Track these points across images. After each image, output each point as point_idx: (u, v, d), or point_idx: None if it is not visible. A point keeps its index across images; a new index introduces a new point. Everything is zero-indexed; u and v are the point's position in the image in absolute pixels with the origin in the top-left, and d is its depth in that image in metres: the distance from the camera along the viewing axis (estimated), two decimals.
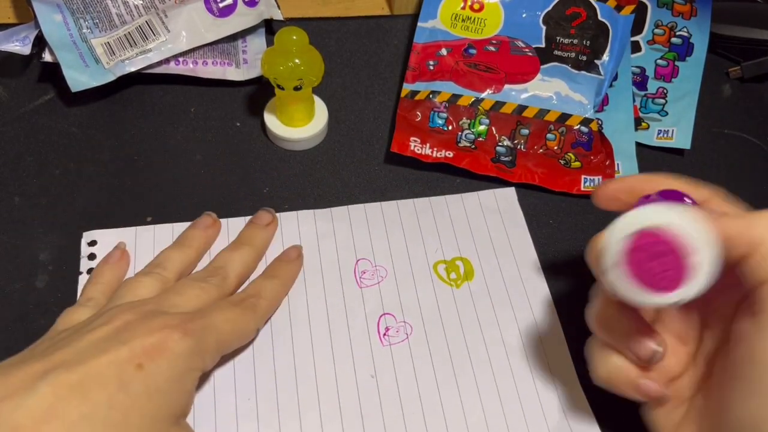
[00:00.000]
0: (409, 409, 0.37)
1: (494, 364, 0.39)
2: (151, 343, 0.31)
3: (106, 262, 0.40)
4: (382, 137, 0.49)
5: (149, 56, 0.47)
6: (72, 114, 0.48)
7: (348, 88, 0.52)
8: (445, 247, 0.43)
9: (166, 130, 0.48)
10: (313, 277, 0.41)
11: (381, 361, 0.38)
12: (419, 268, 0.42)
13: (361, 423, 0.36)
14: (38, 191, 0.44)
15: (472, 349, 0.39)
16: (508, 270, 0.43)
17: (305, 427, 0.36)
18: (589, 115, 0.47)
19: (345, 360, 0.38)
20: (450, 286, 0.42)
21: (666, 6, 0.53)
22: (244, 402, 0.36)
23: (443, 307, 0.41)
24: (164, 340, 0.31)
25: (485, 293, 0.42)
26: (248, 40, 0.52)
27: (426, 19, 0.50)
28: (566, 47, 0.49)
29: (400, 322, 0.40)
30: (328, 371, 0.38)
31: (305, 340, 0.39)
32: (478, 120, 0.47)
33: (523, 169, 0.46)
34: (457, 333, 0.40)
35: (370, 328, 0.40)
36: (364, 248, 0.43)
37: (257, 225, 0.42)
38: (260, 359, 0.38)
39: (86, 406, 0.28)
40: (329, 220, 0.44)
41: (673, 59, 0.53)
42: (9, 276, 0.40)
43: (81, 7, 0.48)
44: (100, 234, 0.42)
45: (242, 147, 0.48)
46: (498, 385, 0.38)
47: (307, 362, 0.38)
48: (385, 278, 0.42)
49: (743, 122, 0.53)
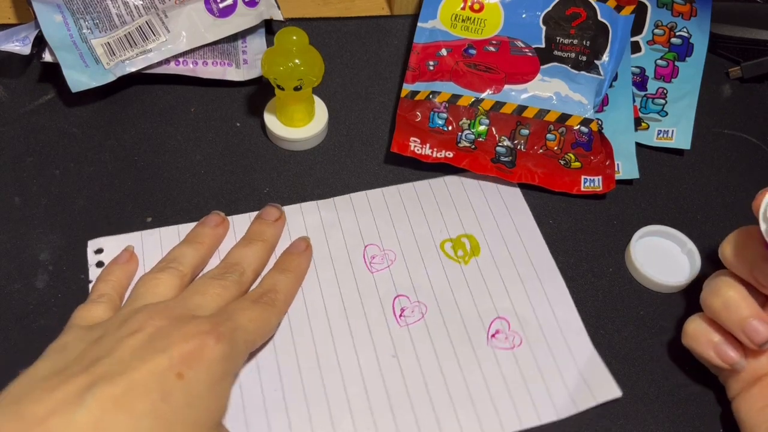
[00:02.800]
0: (432, 384, 0.38)
1: (509, 334, 0.40)
2: (188, 350, 0.31)
3: (115, 262, 0.40)
4: (382, 137, 0.49)
5: (149, 56, 0.47)
6: (72, 114, 0.48)
7: (348, 88, 0.52)
8: (449, 225, 0.45)
9: (166, 130, 0.48)
10: (324, 267, 0.42)
11: (400, 341, 0.39)
12: (426, 248, 0.43)
13: (388, 402, 0.37)
14: (38, 191, 0.44)
15: (486, 321, 0.40)
16: (512, 243, 0.44)
17: (334, 411, 0.36)
18: (589, 116, 0.47)
19: (365, 344, 0.39)
20: (458, 262, 0.43)
21: (666, 6, 0.53)
22: (271, 393, 0.37)
23: (454, 284, 0.42)
24: (200, 346, 0.32)
25: (493, 267, 0.43)
26: (248, 41, 0.52)
27: (426, 19, 0.50)
28: (566, 47, 0.49)
29: (414, 302, 0.41)
30: (350, 356, 0.38)
31: (324, 329, 0.39)
32: (478, 120, 0.47)
33: (523, 169, 0.46)
34: (470, 307, 0.41)
35: (386, 310, 0.40)
36: (370, 234, 0.44)
37: (266, 221, 0.42)
38: (282, 351, 0.38)
39: (132, 419, 0.29)
40: (333, 209, 0.45)
41: (673, 59, 0.53)
42: (9, 276, 0.40)
43: (81, 8, 0.48)
44: (105, 241, 0.42)
45: (242, 147, 0.48)
46: (515, 354, 0.39)
47: (328, 349, 0.39)
48: (395, 261, 0.43)
49: (743, 122, 0.53)
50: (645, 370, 0.40)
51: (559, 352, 0.39)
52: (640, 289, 0.43)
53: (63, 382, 0.29)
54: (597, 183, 0.46)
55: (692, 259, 0.44)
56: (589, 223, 0.46)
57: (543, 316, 0.41)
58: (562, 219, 0.46)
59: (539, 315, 0.41)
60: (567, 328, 0.40)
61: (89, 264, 0.41)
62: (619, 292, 0.43)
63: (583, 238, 0.45)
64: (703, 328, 0.36)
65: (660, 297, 0.43)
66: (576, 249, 0.44)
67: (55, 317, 0.39)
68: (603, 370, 0.39)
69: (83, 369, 0.30)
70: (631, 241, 0.44)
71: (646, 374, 0.40)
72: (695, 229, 0.46)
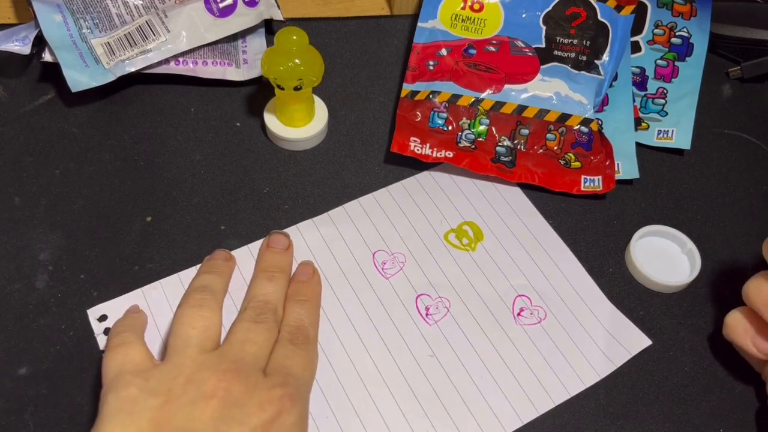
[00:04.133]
0: (475, 374, 0.39)
1: (533, 309, 0.41)
2: (267, 419, 0.32)
3: (125, 315, 0.39)
4: (382, 137, 0.49)
5: (149, 56, 0.47)
6: (72, 114, 0.48)
7: (348, 88, 0.52)
8: (448, 216, 0.45)
9: (166, 130, 0.48)
10: (340, 283, 0.42)
11: (434, 340, 0.40)
12: (432, 243, 0.44)
13: (439, 400, 0.38)
14: (38, 191, 0.44)
15: (508, 301, 0.41)
16: (512, 222, 0.45)
17: (388, 420, 0.37)
18: (589, 116, 0.47)
19: (401, 349, 0.39)
20: (466, 251, 0.44)
21: (666, 6, 0.53)
22: (323, 420, 0.37)
23: (468, 273, 0.42)
24: (279, 414, 0.32)
25: (500, 248, 0.44)
26: (248, 40, 0.52)
27: (426, 19, 0.50)
28: (566, 47, 0.49)
29: (436, 298, 0.41)
30: (390, 364, 0.39)
31: (356, 344, 0.39)
32: (478, 120, 0.47)
33: (523, 169, 0.46)
34: (490, 292, 0.42)
35: (411, 313, 0.41)
36: (375, 241, 0.44)
37: (278, 250, 0.42)
38: (321, 376, 0.38)
39: None
40: (330, 223, 0.44)
41: (673, 59, 0.53)
42: (9, 276, 0.40)
43: (81, 7, 0.48)
44: (106, 307, 0.40)
45: (242, 147, 0.48)
46: (544, 326, 0.41)
47: (367, 364, 0.39)
48: (406, 263, 0.43)
49: (743, 122, 0.53)
50: (645, 370, 0.40)
51: (585, 317, 0.41)
52: (640, 289, 0.43)
53: None
54: (597, 183, 0.46)
55: (692, 259, 0.44)
56: (589, 223, 0.46)
57: (559, 287, 0.42)
58: (562, 219, 0.46)
59: (555, 286, 0.42)
60: (585, 293, 0.42)
61: (96, 333, 0.39)
62: (619, 292, 0.43)
63: (583, 238, 0.45)
64: (742, 320, 0.37)
65: (660, 297, 0.43)
66: (576, 249, 0.44)
67: (55, 317, 0.39)
68: (629, 325, 0.41)
69: None
70: (631, 241, 0.44)
71: (646, 374, 0.40)
72: (695, 229, 0.46)
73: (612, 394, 0.39)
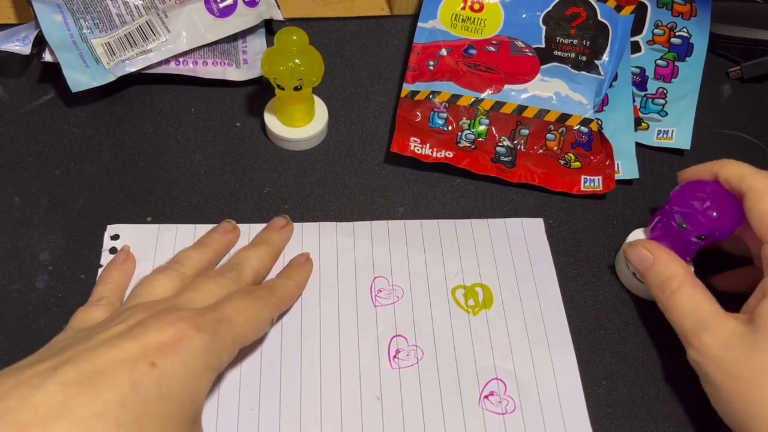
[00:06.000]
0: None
1: (504, 398, 0.38)
2: (164, 339, 0.30)
3: (112, 263, 0.40)
4: (382, 137, 0.49)
5: (149, 56, 0.47)
6: (72, 114, 0.48)
7: (348, 88, 0.52)
8: (466, 271, 0.42)
9: (166, 130, 0.48)
10: (329, 292, 0.41)
11: (388, 383, 0.38)
12: (437, 291, 0.41)
13: None
14: (38, 191, 0.44)
15: (482, 380, 0.38)
16: (528, 302, 0.41)
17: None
18: (588, 116, 0.47)
19: (352, 379, 0.38)
20: (467, 312, 0.41)
21: (666, 6, 0.53)
22: (246, 411, 0.36)
23: (457, 335, 0.40)
24: (178, 336, 0.30)
25: (503, 323, 0.40)
26: (248, 40, 0.52)
27: (426, 19, 0.50)
28: (566, 47, 0.49)
29: (411, 345, 0.39)
30: (334, 389, 0.37)
31: (314, 356, 0.38)
32: (478, 120, 0.47)
33: (523, 169, 0.46)
34: (469, 362, 0.39)
35: (381, 349, 0.39)
36: (382, 266, 0.42)
37: (273, 228, 0.43)
38: (267, 371, 0.37)
39: (97, 405, 0.27)
40: (351, 234, 0.43)
41: (673, 59, 0.53)
42: (9, 276, 0.40)
43: (81, 8, 0.48)
44: (123, 228, 0.42)
45: (242, 147, 0.48)
46: (505, 420, 0.37)
47: (313, 378, 0.37)
48: (401, 298, 0.41)
49: (743, 122, 0.53)
50: (645, 370, 0.40)
51: (553, 428, 0.37)
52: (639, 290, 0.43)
53: (29, 368, 0.28)
54: (597, 183, 0.46)
55: None
56: (589, 223, 0.46)
57: (544, 386, 0.38)
58: (562, 219, 0.46)
59: (540, 383, 0.38)
60: (567, 402, 0.38)
61: (103, 248, 0.42)
62: (619, 292, 0.43)
63: (583, 238, 0.45)
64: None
65: None
66: (576, 249, 0.44)
67: (55, 317, 0.39)
68: None
69: (53, 355, 0.29)
70: (622, 248, 0.42)
71: (646, 374, 0.40)
72: None
73: (612, 394, 0.39)
